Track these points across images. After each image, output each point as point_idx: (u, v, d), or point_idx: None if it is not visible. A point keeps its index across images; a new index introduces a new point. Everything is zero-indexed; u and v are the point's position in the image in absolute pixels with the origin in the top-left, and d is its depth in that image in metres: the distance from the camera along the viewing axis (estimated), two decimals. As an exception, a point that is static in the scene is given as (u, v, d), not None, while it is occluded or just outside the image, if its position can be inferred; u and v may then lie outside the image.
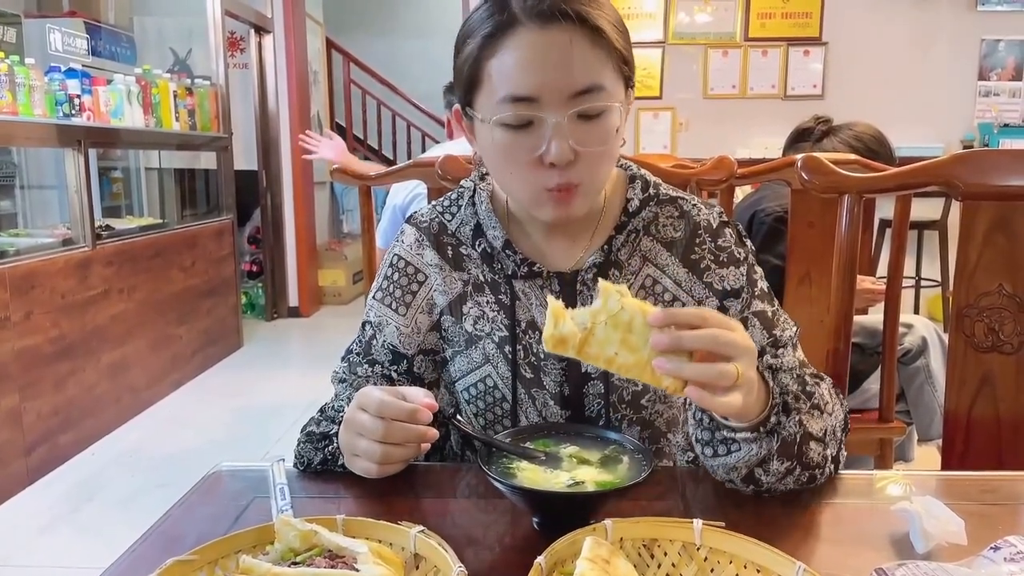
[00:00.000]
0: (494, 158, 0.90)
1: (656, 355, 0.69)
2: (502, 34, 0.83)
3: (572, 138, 0.83)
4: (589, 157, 0.85)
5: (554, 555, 0.61)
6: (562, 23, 0.81)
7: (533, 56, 0.82)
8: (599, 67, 0.84)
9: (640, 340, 0.69)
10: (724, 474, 0.83)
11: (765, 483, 0.81)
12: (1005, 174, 1.16)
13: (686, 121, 5.18)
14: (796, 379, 0.86)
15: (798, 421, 0.81)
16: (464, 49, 0.88)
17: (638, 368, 0.69)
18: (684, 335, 0.69)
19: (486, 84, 0.86)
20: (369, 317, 1.03)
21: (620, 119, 0.88)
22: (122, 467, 3.14)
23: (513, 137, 0.85)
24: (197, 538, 0.69)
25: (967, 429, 1.20)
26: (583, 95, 0.83)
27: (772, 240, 1.89)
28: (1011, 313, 1.17)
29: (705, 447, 0.82)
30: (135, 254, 3.76)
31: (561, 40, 0.82)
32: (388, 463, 0.83)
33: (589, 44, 0.83)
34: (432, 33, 7.82)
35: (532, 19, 0.82)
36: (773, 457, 0.79)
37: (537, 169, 0.86)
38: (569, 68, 0.82)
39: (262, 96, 5.64)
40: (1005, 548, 0.65)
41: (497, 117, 0.85)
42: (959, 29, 4.96)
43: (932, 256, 4.60)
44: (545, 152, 0.84)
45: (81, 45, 4.08)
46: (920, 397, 1.95)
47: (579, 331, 0.69)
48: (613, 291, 0.69)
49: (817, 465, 0.83)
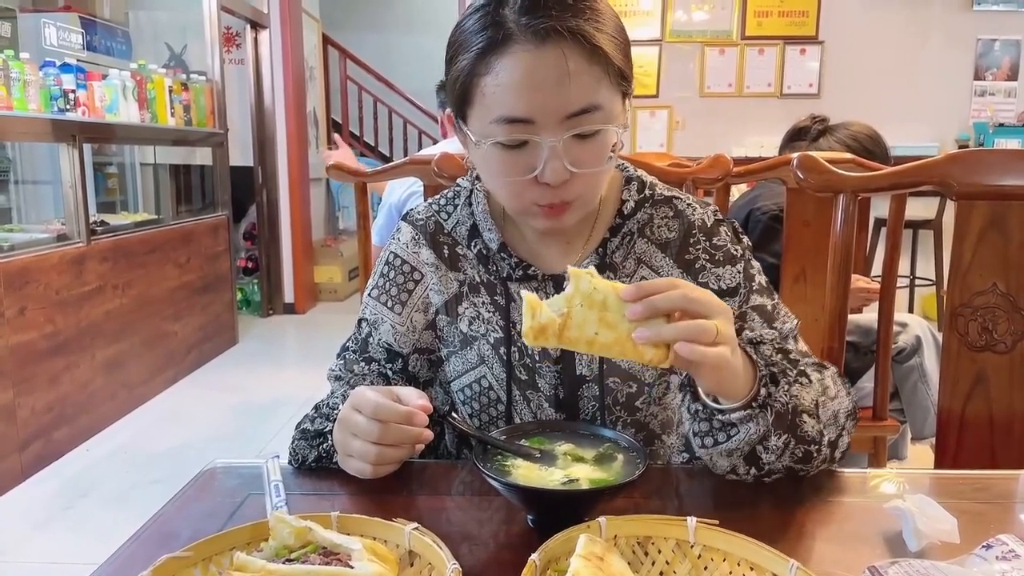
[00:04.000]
0: (487, 173, 0.90)
1: (635, 328, 0.69)
2: (497, 51, 0.81)
3: (567, 159, 0.82)
4: (584, 175, 0.85)
5: (548, 552, 0.61)
6: (559, 40, 0.79)
7: (528, 77, 0.80)
8: (596, 85, 0.81)
9: (617, 316, 0.70)
10: (726, 462, 0.82)
11: (766, 461, 0.81)
12: (999, 174, 1.16)
13: (682, 119, 5.18)
14: (777, 350, 0.86)
15: (787, 391, 0.80)
16: (457, 62, 0.85)
17: (619, 344, 0.70)
18: (656, 298, 0.69)
19: (479, 102, 0.84)
20: (365, 314, 1.03)
21: (617, 136, 0.87)
22: (116, 463, 3.13)
23: (507, 156, 0.84)
24: (191, 535, 0.69)
25: (960, 428, 1.20)
26: (579, 116, 0.81)
27: (768, 238, 1.90)
28: (1004, 312, 1.17)
29: (705, 438, 0.81)
30: (130, 250, 3.75)
31: (557, 59, 0.79)
32: (382, 464, 0.83)
33: (586, 62, 0.80)
34: (428, 30, 7.81)
35: (528, 37, 0.80)
36: (771, 432, 0.79)
37: (531, 187, 0.85)
38: (565, 89, 0.80)
39: (258, 92, 5.63)
40: (997, 547, 0.65)
41: (491, 140, 0.83)
42: (955, 28, 4.97)
43: (927, 255, 4.61)
44: (540, 173, 0.83)
45: (76, 40, 4.06)
46: (914, 396, 1.96)
47: (557, 317, 0.70)
48: (583, 274, 0.70)
49: (812, 440, 0.82)
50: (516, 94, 0.81)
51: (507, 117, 0.81)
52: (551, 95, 0.80)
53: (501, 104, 0.82)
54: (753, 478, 0.83)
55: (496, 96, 0.82)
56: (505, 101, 0.81)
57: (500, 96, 0.81)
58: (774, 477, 0.84)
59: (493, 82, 0.82)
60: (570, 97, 0.80)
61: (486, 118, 0.83)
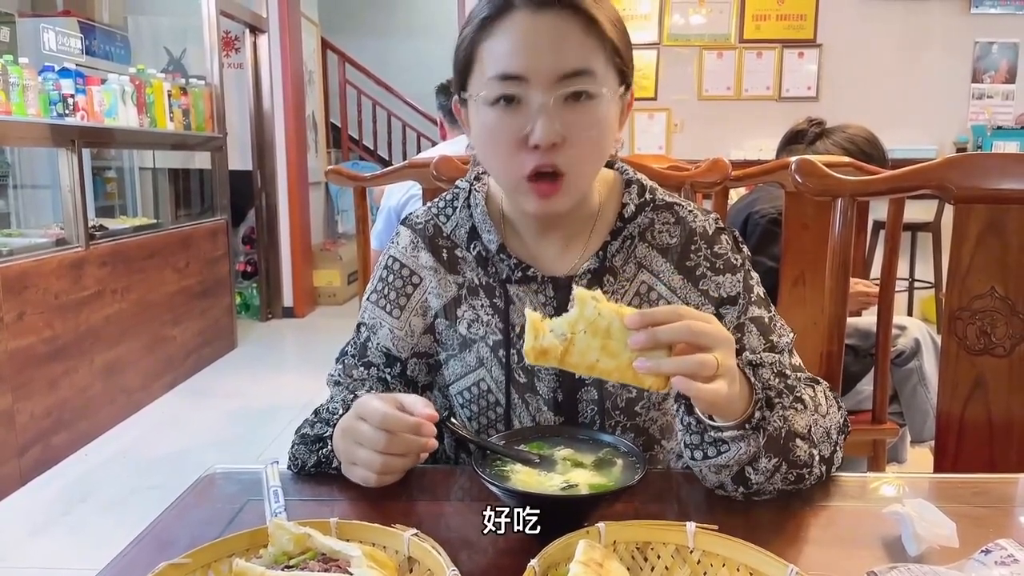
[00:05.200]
0: (482, 140, 0.91)
1: (636, 356, 0.70)
2: (497, 18, 0.86)
3: (559, 121, 0.84)
4: (575, 143, 0.85)
5: (547, 558, 0.61)
6: (557, 9, 0.84)
7: (525, 37, 0.85)
8: (590, 53, 0.85)
9: (619, 344, 0.70)
10: (714, 477, 0.82)
11: (754, 482, 0.81)
12: (996, 177, 1.16)
13: (681, 122, 5.19)
14: (776, 374, 0.86)
15: (782, 416, 0.81)
16: (462, 36, 0.90)
17: (620, 371, 0.71)
18: (659, 330, 0.70)
19: (478, 65, 0.88)
20: (363, 319, 1.03)
21: (611, 110, 0.88)
22: (115, 469, 3.13)
23: (500, 116, 0.86)
24: (190, 541, 0.69)
25: (959, 431, 1.20)
26: (572, 77, 0.84)
27: (766, 242, 1.90)
28: (1003, 316, 1.17)
29: (695, 451, 0.81)
30: (129, 254, 3.75)
31: (554, 23, 0.84)
32: (388, 473, 0.83)
33: (581, 30, 0.85)
34: (427, 34, 7.82)
35: (528, 4, 0.84)
36: (761, 454, 0.79)
37: (522, 151, 0.86)
38: (559, 50, 0.84)
39: (257, 96, 5.63)
40: (996, 551, 0.65)
41: (484, 93, 0.86)
42: (953, 31, 4.98)
43: (926, 258, 4.62)
44: (531, 132, 0.84)
45: (75, 44, 4.07)
46: (913, 399, 1.96)
47: (559, 343, 0.71)
48: (588, 298, 0.71)
49: (804, 464, 0.83)
50: (511, 53, 0.85)
51: (502, 73, 0.85)
52: (545, 55, 0.84)
53: (497, 63, 0.86)
54: (742, 496, 0.83)
55: (493, 56, 0.86)
56: (501, 60, 0.85)
57: (497, 56, 0.86)
58: (764, 498, 0.83)
59: (491, 44, 0.86)
60: (564, 58, 0.84)
61: (483, 77, 0.87)
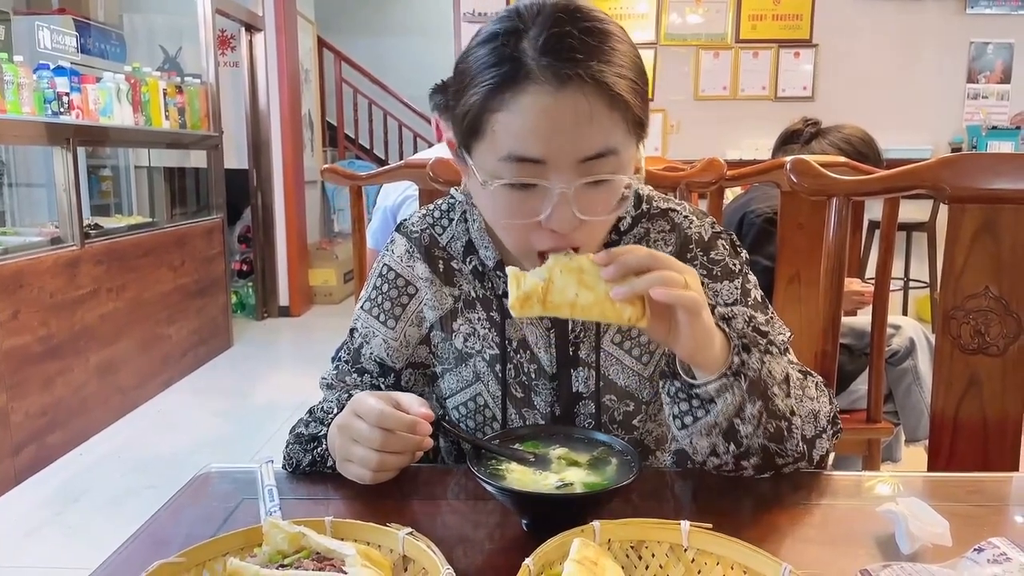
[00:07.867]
0: (490, 211, 0.86)
1: (612, 288, 0.74)
2: (513, 88, 0.76)
3: (576, 205, 0.78)
4: (591, 223, 0.81)
5: (542, 557, 0.61)
6: (579, 83, 0.75)
7: (545, 118, 0.76)
8: (613, 129, 0.77)
9: (593, 278, 0.75)
10: (706, 442, 0.83)
11: (743, 434, 0.81)
12: (991, 177, 1.17)
13: (677, 122, 5.19)
14: (747, 323, 0.88)
15: (760, 359, 0.82)
16: (467, 94, 0.80)
17: (599, 305, 0.74)
18: (627, 258, 0.74)
19: (489, 137, 0.79)
20: (356, 326, 1.02)
21: (628, 172, 0.82)
22: (110, 468, 3.12)
23: (513, 197, 0.80)
24: (185, 540, 0.69)
25: (954, 430, 1.21)
26: (593, 160, 0.77)
27: (762, 241, 1.90)
28: (997, 315, 1.17)
29: (685, 417, 0.82)
30: (124, 253, 3.74)
31: (577, 103, 0.75)
32: (383, 471, 0.83)
33: (606, 108, 0.76)
34: (424, 33, 7.82)
35: (547, 78, 0.75)
36: (746, 400, 0.80)
37: (536, 230, 0.81)
38: (581, 133, 0.76)
39: (253, 95, 5.62)
40: (989, 550, 0.65)
41: (499, 181, 0.79)
42: (948, 32, 5.00)
43: (920, 257, 4.62)
44: (547, 219, 0.79)
45: (70, 43, 4.06)
46: (908, 398, 1.97)
47: (539, 283, 0.75)
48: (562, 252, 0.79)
49: (783, 416, 0.83)
50: (530, 134, 0.77)
51: (518, 156, 0.77)
52: (567, 138, 0.76)
53: (513, 142, 0.77)
54: (733, 458, 0.83)
55: (508, 134, 0.78)
56: (517, 140, 0.77)
57: (513, 134, 0.77)
58: (752, 461, 0.84)
59: (506, 119, 0.77)
60: (585, 140, 0.77)
61: (495, 154, 0.79)
